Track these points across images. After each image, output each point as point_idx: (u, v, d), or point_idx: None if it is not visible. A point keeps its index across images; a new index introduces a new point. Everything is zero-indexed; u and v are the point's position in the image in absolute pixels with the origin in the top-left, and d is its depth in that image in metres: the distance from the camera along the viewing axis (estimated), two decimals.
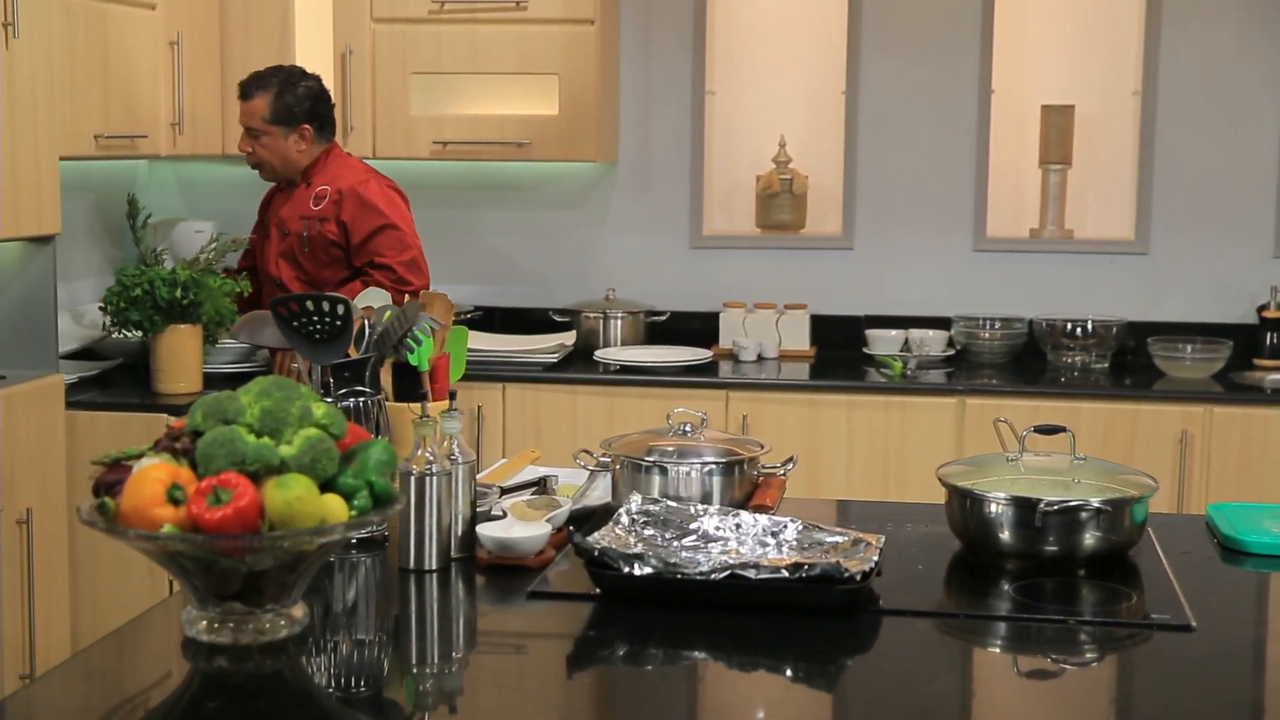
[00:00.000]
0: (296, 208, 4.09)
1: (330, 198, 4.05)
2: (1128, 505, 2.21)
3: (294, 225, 4.08)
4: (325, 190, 4.06)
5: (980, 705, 1.87)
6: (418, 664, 1.96)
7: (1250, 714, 1.80)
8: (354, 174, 4.13)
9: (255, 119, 4.04)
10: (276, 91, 4.03)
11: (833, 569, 1.99)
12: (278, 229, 4.13)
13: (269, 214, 4.22)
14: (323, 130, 4.13)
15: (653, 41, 4.88)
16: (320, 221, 4.03)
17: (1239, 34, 4.58)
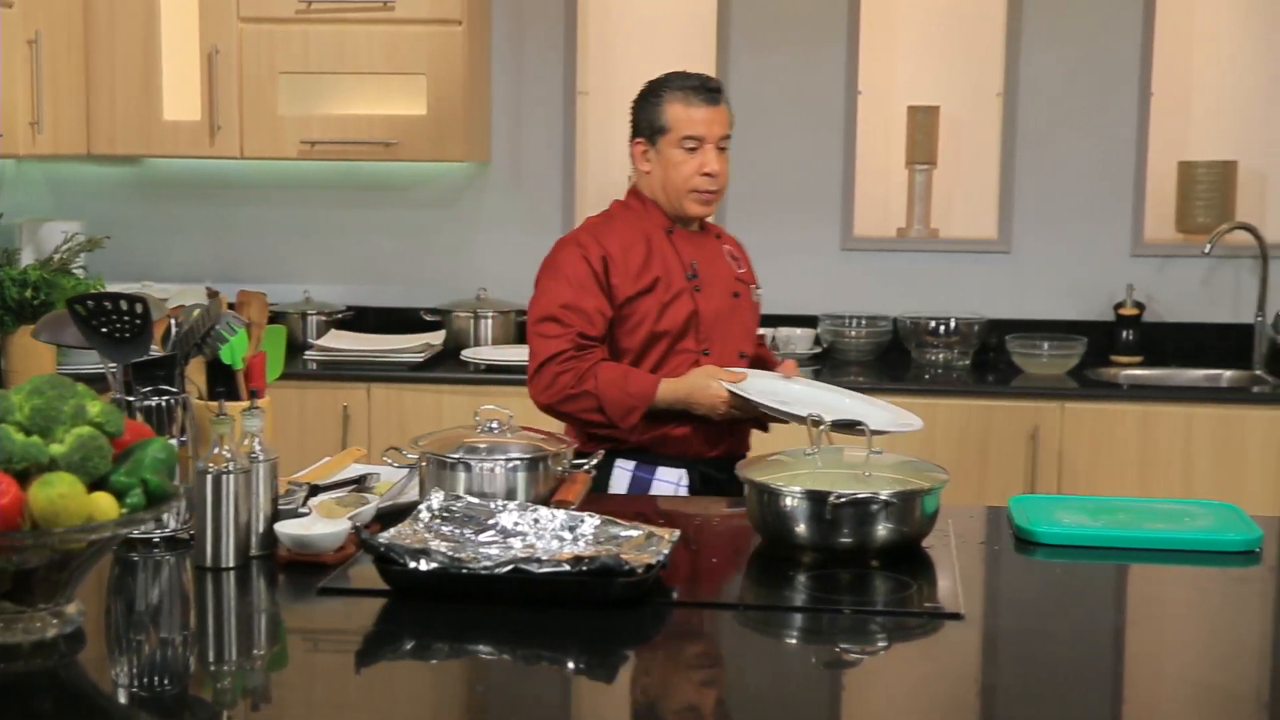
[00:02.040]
0: (722, 263, 3.17)
1: (743, 258, 3.28)
2: (917, 497, 2.27)
3: (741, 288, 3.19)
4: (735, 250, 3.26)
5: (751, 692, 1.90)
6: (215, 662, 1.96)
7: (1006, 698, 1.85)
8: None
9: (728, 126, 3.10)
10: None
11: (613, 562, 2.02)
12: (722, 289, 3.12)
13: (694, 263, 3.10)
14: None
15: (524, 42, 4.90)
16: (755, 289, 3.29)
17: (1097, 36, 4.67)
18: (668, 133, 3.04)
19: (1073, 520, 2.40)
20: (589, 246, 3.05)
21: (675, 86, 3.06)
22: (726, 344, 3.09)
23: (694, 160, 3.02)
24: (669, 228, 3.10)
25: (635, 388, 2.94)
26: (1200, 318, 4.74)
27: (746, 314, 3.19)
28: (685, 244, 3.10)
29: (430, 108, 4.57)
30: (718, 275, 3.11)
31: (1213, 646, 2.02)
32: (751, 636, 2.07)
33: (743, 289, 3.17)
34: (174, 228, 5.07)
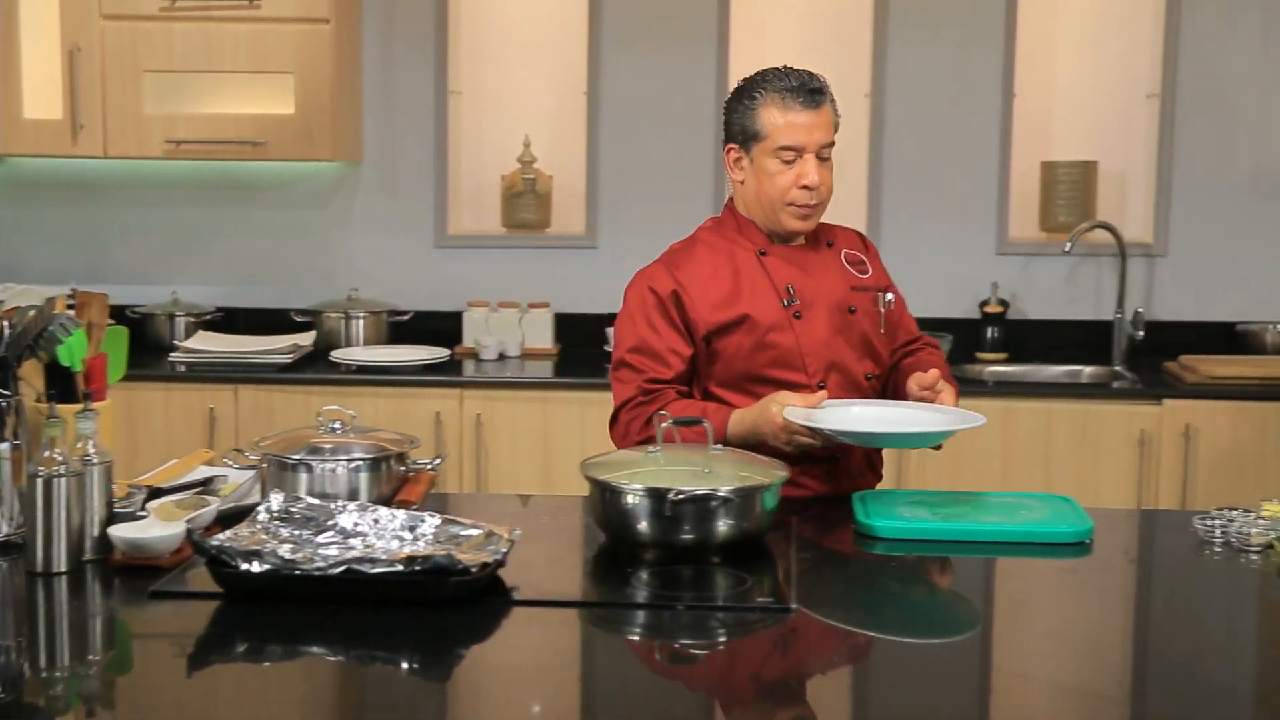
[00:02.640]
0: (837, 276, 2.84)
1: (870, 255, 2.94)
2: (756, 493, 2.29)
3: (859, 299, 2.84)
4: (858, 255, 2.91)
5: (583, 688, 1.91)
6: (46, 669, 1.93)
7: (835, 691, 1.88)
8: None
9: (831, 131, 2.77)
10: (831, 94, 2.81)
11: (446, 561, 2.02)
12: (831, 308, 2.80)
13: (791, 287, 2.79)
14: None
15: (394, 41, 4.88)
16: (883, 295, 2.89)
17: (962, 39, 4.75)
18: (763, 139, 2.71)
19: (912, 514, 2.43)
20: (659, 279, 2.79)
21: (773, 87, 2.70)
22: (847, 369, 2.78)
23: (791, 171, 2.70)
24: (763, 249, 2.79)
25: (711, 418, 2.59)
26: (1063, 315, 4.83)
27: (868, 328, 2.81)
28: (783, 264, 2.78)
29: (298, 107, 4.53)
30: (825, 293, 2.78)
31: (1037, 637, 2.06)
32: (590, 633, 2.08)
33: (861, 300, 2.81)
34: (39, 228, 4.99)
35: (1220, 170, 4.74)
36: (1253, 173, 4.73)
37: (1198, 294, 4.79)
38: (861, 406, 2.65)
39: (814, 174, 2.70)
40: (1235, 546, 2.38)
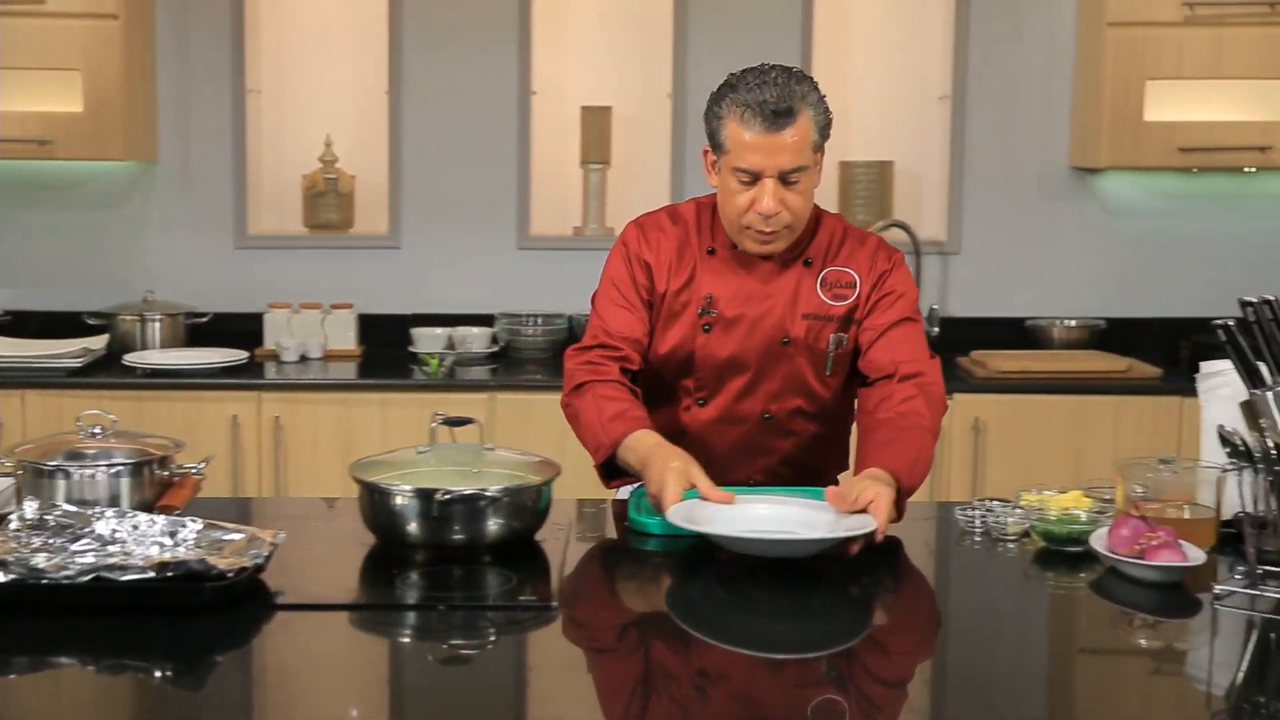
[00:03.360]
0: (786, 299, 2.63)
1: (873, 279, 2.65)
2: (527, 492, 2.29)
3: (803, 329, 2.63)
4: (851, 276, 2.65)
5: (324, 690, 1.90)
6: None
7: (582, 689, 1.89)
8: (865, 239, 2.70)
9: (797, 157, 2.49)
10: (816, 100, 2.52)
11: (200, 567, 1.99)
12: (757, 330, 2.64)
13: (719, 303, 2.64)
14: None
15: (189, 39, 4.79)
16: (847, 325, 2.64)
17: (760, 40, 4.80)
18: (726, 154, 2.50)
19: None
20: (633, 245, 2.67)
21: (739, 100, 2.47)
22: (745, 398, 2.64)
23: (748, 194, 2.49)
24: (712, 248, 2.64)
25: (611, 426, 2.50)
26: None
27: (804, 364, 2.63)
28: (723, 271, 2.62)
29: (87, 105, 4.42)
30: (759, 314, 2.61)
31: (791, 626, 2.09)
32: (351, 636, 2.06)
33: (808, 330, 2.61)
34: None
35: (1009, 170, 4.88)
36: (1039, 172, 4.87)
37: (990, 291, 4.93)
38: (767, 506, 2.37)
39: (768, 201, 2.47)
40: (994, 536, 2.45)
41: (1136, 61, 4.45)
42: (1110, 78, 4.47)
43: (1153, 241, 4.89)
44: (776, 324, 2.60)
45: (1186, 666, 1.99)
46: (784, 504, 2.37)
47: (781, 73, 2.48)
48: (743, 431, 2.67)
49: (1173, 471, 2.36)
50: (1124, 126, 4.48)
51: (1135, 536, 2.19)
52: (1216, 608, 2.08)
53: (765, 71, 2.48)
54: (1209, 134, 4.46)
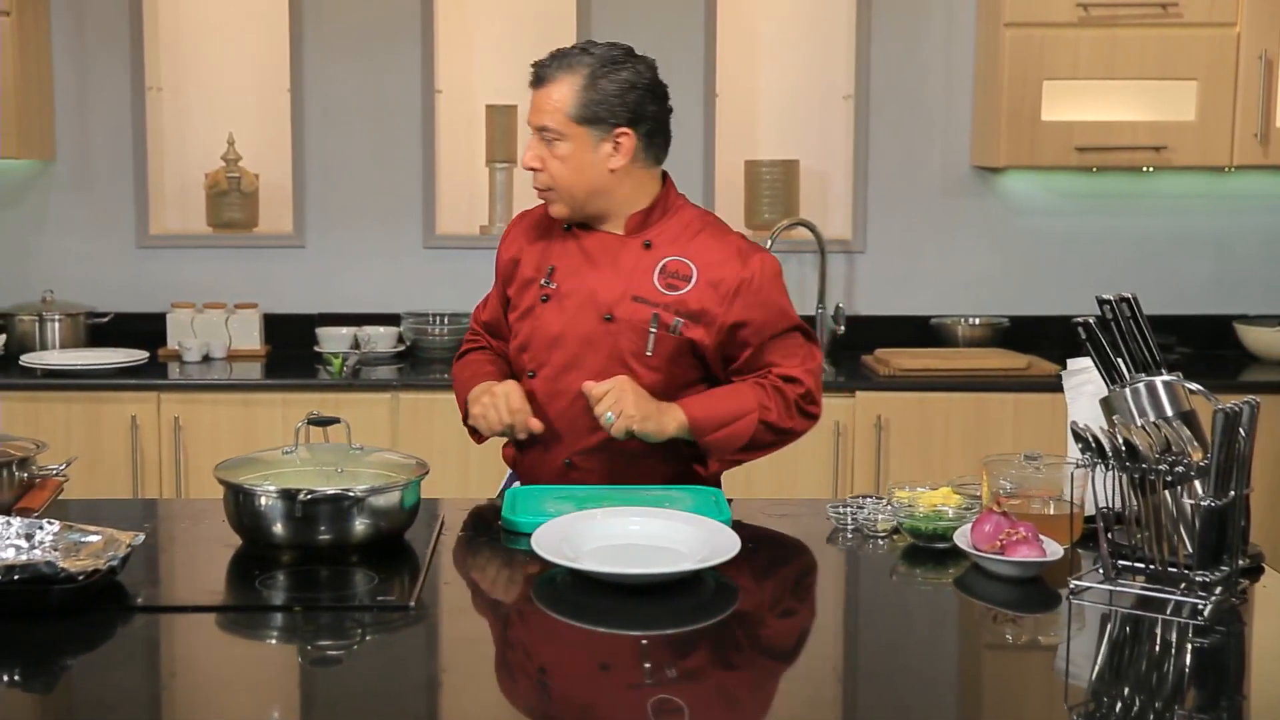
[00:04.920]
0: (620, 277, 2.67)
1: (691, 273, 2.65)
2: (391, 491, 2.28)
3: (630, 310, 2.64)
4: (689, 269, 2.65)
5: (184, 693, 1.88)
6: None
7: (450, 689, 1.88)
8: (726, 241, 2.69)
9: (544, 116, 2.62)
10: (589, 78, 2.59)
11: (48, 569, 1.96)
12: (586, 306, 2.67)
13: (557, 276, 2.71)
14: (655, 147, 2.67)
15: (86, 36, 4.73)
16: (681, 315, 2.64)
17: (663, 38, 4.81)
18: None
19: (556, 509, 2.44)
20: (509, 231, 2.83)
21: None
22: (569, 371, 2.66)
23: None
24: (569, 224, 2.70)
25: (462, 388, 2.77)
26: None
27: (625, 344, 2.63)
28: (572, 247, 2.68)
29: None
30: (591, 289, 2.64)
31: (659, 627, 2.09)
32: (214, 637, 2.03)
33: (633, 311, 2.62)
34: None
35: (913, 169, 4.91)
36: (942, 172, 4.90)
37: (894, 289, 4.95)
38: (639, 520, 2.35)
39: (528, 153, 2.62)
40: (865, 533, 2.46)
41: (1034, 62, 4.49)
42: (1008, 78, 4.50)
43: (1054, 240, 4.94)
44: (604, 301, 2.64)
45: (1045, 660, 2.01)
46: (654, 517, 2.36)
47: (589, 44, 2.62)
48: (567, 406, 2.68)
49: (1036, 468, 2.38)
50: (1022, 126, 4.51)
51: (996, 532, 2.20)
52: (1073, 601, 2.10)
53: (588, 42, 2.65)
54: (1105, 134, 4.51)
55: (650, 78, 2.61)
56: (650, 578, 2.14)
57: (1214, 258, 4.96)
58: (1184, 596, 2.05)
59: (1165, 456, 2.03)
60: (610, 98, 2.56)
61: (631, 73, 2.58)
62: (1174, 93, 4.51)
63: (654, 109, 2.61)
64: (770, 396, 2.64)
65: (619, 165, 2.59)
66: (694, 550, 2.25)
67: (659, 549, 2.27)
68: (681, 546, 2.27)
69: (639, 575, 2.14)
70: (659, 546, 2.28)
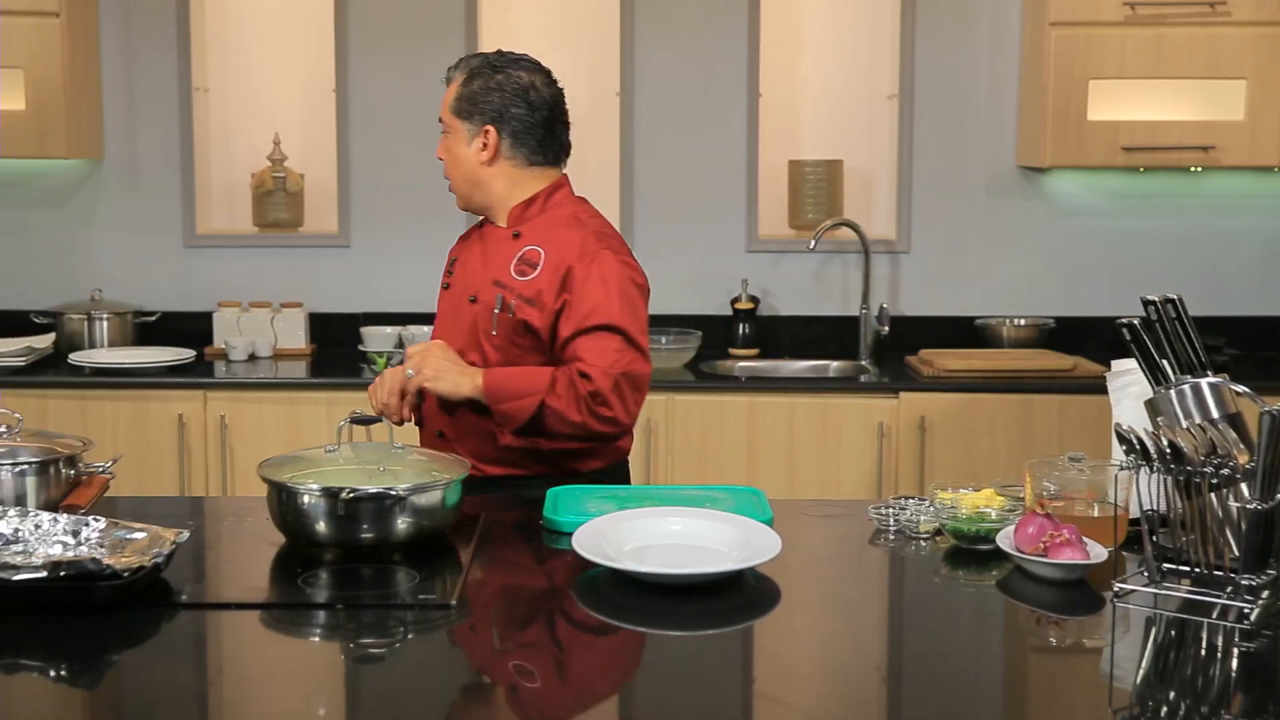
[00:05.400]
0: (493, 263, 2.86)
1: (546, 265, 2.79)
2: (434, 490, 2.28)
3: (488, 292, 2.84)
4: (539, 256, 2.81)
5: (228, 689, 1.89)
6: None
7: (490, 689, 1.89)
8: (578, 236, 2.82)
9: (444, 108, 2.90)
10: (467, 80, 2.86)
11: (94, 566, 1.98)
12: (465, 291, 2.89)
13: (455, 266, 2.98)
14: (520, 145, 2.85)
15: (134, 36, 4.77)
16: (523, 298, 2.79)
17: (706, 38, 4.81)
18: None
19: (598, 509, 2.45)
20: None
21: None
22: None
23: None
24: (481, 220, 2.94)
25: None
26: (812, 311, 4.93)
27: (478, 322, 2.82)
28: (474, 240, 2.95)
29: (29, 102, 4.41)
30: (471, 275, 2.87)
31: (696, 628, 2.09)
32: (258, 634, 2.05)
33: (490, 293, 2.80)
34: None
35: (957, 169, 4.88)
36: (987, 171, 4.88)
37: (938, 289, 4.93)
38: (680, 520, 2.36)
39: (438, 147, 2.90)
40: (907, 534, 2.45)
41: (1079, 61, 4.46)
42: (1053, 77, 4.48)
43: (1100, 240, 4.90)
44: (473, 286, 2.84)
45: (1089, 663, 1.99)
46: (695, 517, 2.36)
47: (493, 53, 2.88)
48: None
49: (1080, 470, 2.37)
50: (1068, 126, 4.49)
51: (1040, 534, 2.19)
52: (1117, 605, 2.08)
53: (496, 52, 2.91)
54: (1152, 133, 4.47)
55: (523, 84, 2.81)
56: (691, 578, 2.14)
57: (1262, 258, 4.91)
58: (1230, 600, 2.03)
59: (1211, 459, 2.01)
60: (478, 96, 2.81)
61: (504, 76, 2.80)
62: (1222, 92, 4.47)
63: (520, 112, 2.81)
64: (563, 386, 2.69)
65: (486, 159, 2.82)
66: (735, 550, 2.25)
67: (700, 549, 2.27)
68: (722, 546, 2.27)
69: (680, 575, 2.14)
70: (700, 546, 2.28)
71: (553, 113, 2.86)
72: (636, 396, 2.72)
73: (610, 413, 2.68)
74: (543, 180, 2.87)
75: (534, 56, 2.93)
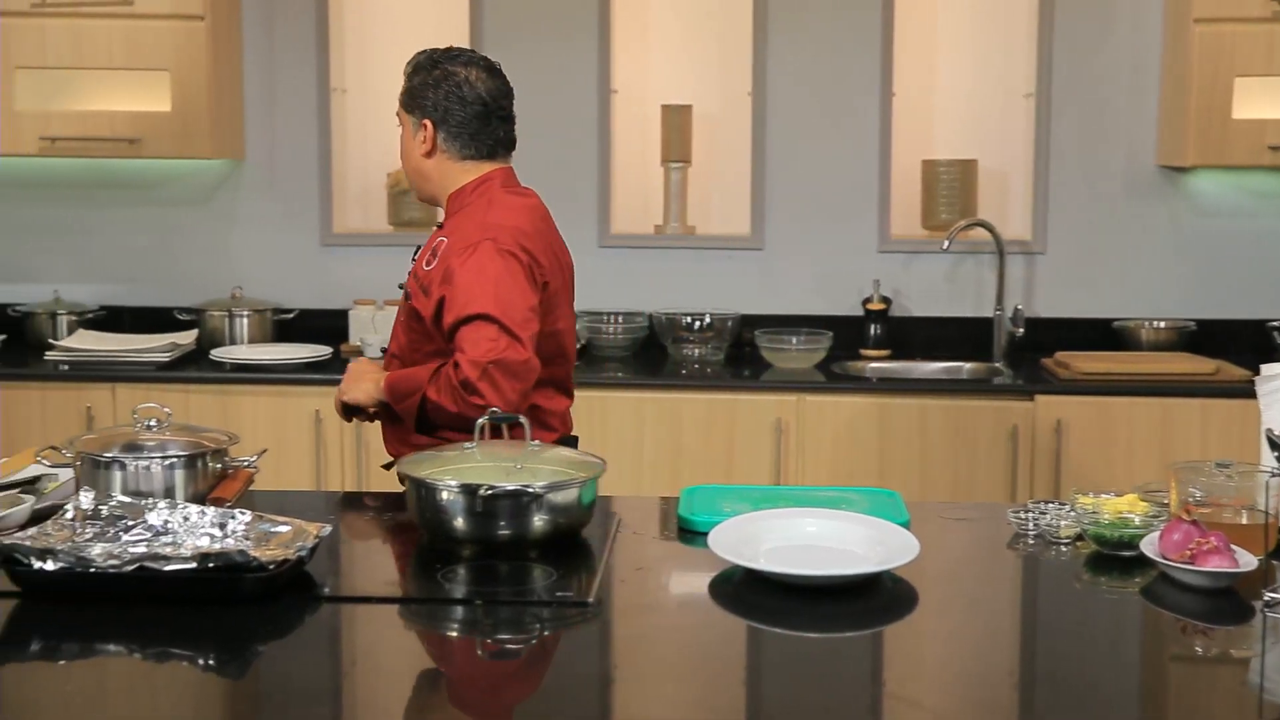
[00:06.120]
0: (424, 257, 2.94)
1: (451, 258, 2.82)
2: (570, 488, 2.30)
3: (410, 285, 2.96)
4: (439, 246, 2.88)
5: (366, 682, 1.92)
6: None
7: (629, 686, 1.89)
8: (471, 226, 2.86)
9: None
10: (410, 75, 2.98)
11: (241, 558, 2.02)
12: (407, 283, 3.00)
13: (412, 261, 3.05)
14: (454, 140, 2.93)
15: (275, 39, 4.86)
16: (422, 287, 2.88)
17: (839, 38, 4.78)
18: None
19: (734, 509, 2.45)
20: None
21: None
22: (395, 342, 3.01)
23: None
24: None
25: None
26: (944, 312, 4.87)
27: (402, 313, 2.96)
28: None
29: (174, 104, 4.51)
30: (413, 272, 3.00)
31: (844, 629, 2.08)
32: (396, 628, 2.08)
33: (411, 288, 2.92)
34: None
35: (1095, 168, 4.79)
36: (1126, 171, 4.78)
37: (1075, 291, 4.85)
38: (815, 521, 2.37)
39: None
40: (1047, 539, 2.41)
41: (1224, 58, 4.35)
42: (1197, 75, 4.38)
43: (1244, 241, 4.78)
44: (409, 280, 2.95)
45: (1237, 674, 1.94)
46: (832, 518, 2.35)
47: (443, 50, 2.97)
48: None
49: (1228, 476, 2.31)
50: (1211, 124, 4.38)
51: (1186, 541, 2.14)
52: (1268, 614, 2.03)
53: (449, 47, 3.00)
54: None
55: (458, 80, 2.89)
56: (830, 579, 2.13)
57: None
58: None
59: None
60: (418, 91, 2.91)
61: (441, 72, 2.89)
62: None
63: (453, 107, 2.89)
64: (442, 379, 2.72)
65: (425, 152, 2.92)
66: (871, 552, 2.23)
67: (836, 550, 2.26)
68: (859, 548, 2.26)
69: (820, 577, 2.13)
70: (836, 548, 2.27)
71: (487, 108, 2.92)
72: (513, 383, 2.66)
73: (482, 401, 2.62)
74: (475, 173, 2.93)
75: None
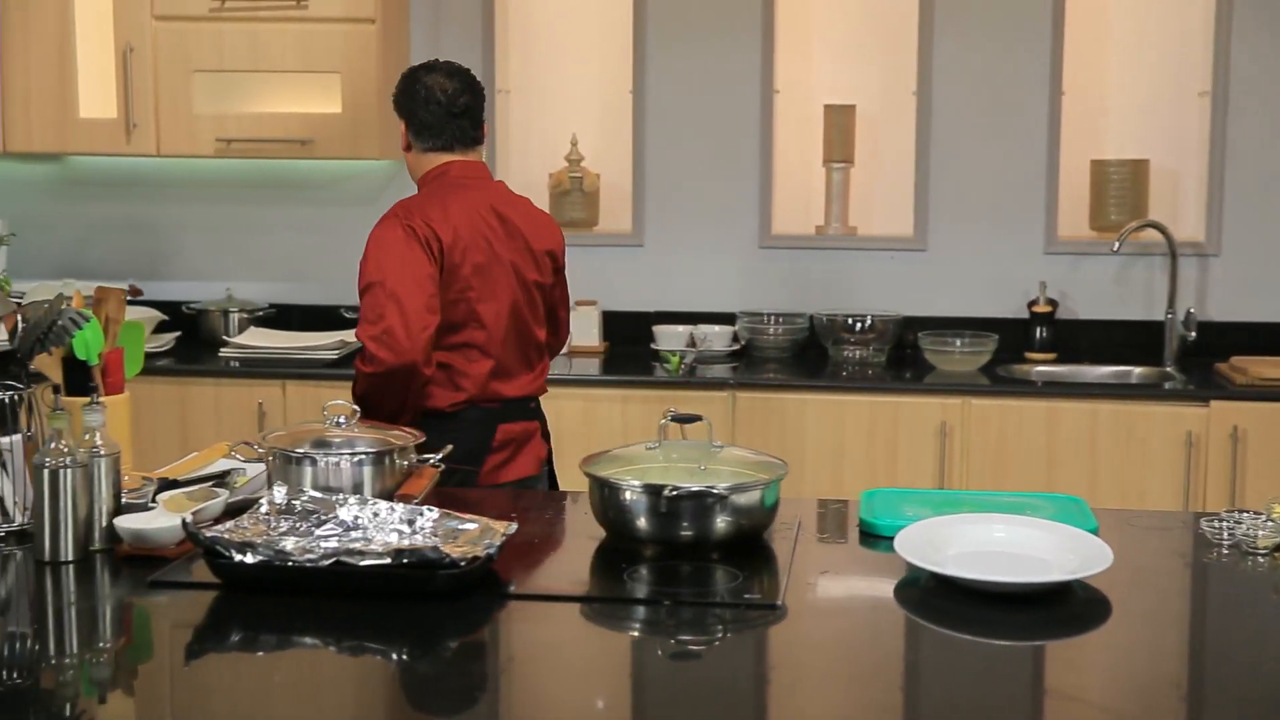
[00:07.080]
0: None
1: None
2: (753, 490, 2.29)
3: None
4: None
5: (551, 679, 1.93)
6: (57, 657, 1.97)
7: (813, 690, 1.88)
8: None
9: None
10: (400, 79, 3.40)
11: (433, 555, 2.04)
12: None
13: None
14: (419, 136, 3.34)
15: (442, 40, 4.92)
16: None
17: (1009, 36, 4.70)
18: None
19: (916, 513, 2.42)
20: None
21: None
22: None
23: None
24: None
25: None
26: (1113, 314, 4.77)
27: None
28: None
29: (345, 106, 4.59)
30: None
31: (1038, 638, 2.04)
32: (582, 627, 2.09)
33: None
34: (95, 225, 5.09)
35: (1273, 169, 4.66)
36: None
37: (1252, 294, 4.71)
38: (1004, 527, 2.33)
39: None
40: (1243, 549, 2.35)
41: None
42: None
43: None
44: None
45: None
46: (1020, 524, 2.32)
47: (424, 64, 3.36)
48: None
49: None
50: None
51: None
52: None
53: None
54: None
55: (424, 84, 3.27)
56: (1024, 587, 2.09)
57: None
58: None
59: None
60: (398, 98, 3.33)
61: (411, 80, 3.31)
62: None
63: (417, 108, 3.28)
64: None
65: (404, 147, 3.38)
66: (1061, 560, 2.19)
67: (1025, 557, 2.22)
68: (1048, 555, 2.22)
69: (1016, 584, 2.09)
70: (1025, 555, 2.23)
71: (444, 108, 3.26)
72: (407, 331, 3.03)
73: (366, 368, 3.10)
74: (433, 163, 3.32)
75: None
